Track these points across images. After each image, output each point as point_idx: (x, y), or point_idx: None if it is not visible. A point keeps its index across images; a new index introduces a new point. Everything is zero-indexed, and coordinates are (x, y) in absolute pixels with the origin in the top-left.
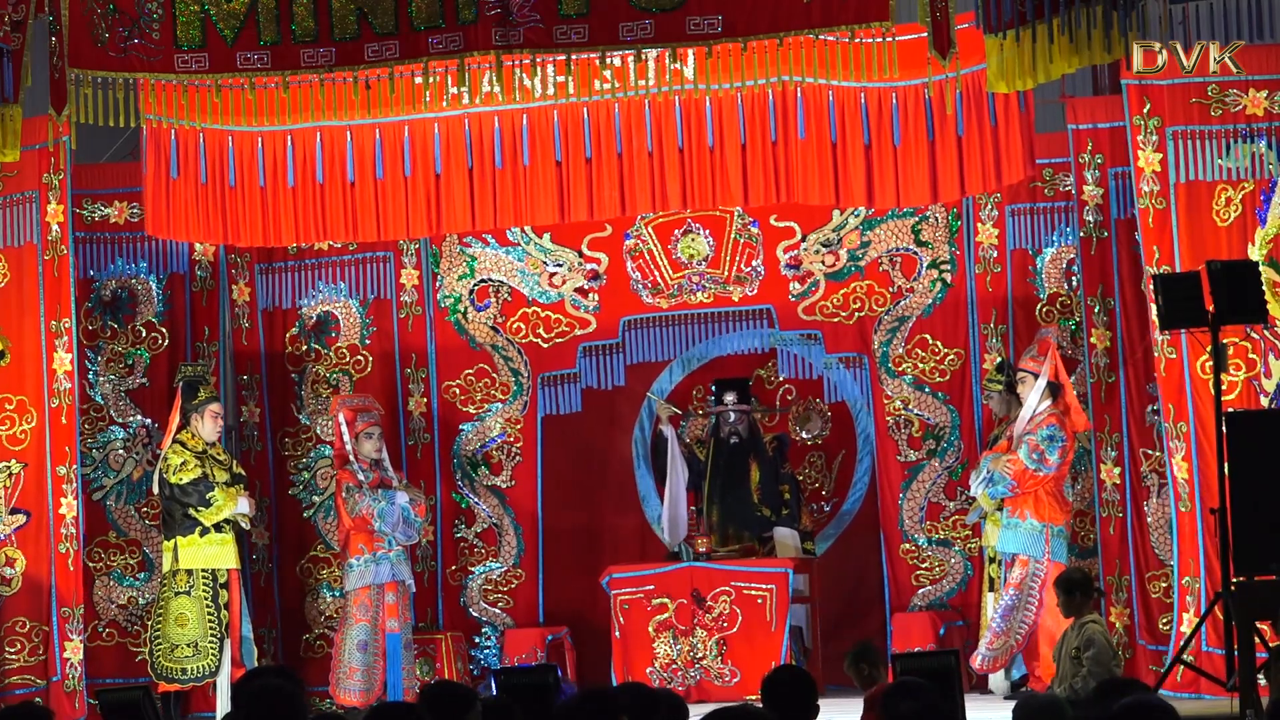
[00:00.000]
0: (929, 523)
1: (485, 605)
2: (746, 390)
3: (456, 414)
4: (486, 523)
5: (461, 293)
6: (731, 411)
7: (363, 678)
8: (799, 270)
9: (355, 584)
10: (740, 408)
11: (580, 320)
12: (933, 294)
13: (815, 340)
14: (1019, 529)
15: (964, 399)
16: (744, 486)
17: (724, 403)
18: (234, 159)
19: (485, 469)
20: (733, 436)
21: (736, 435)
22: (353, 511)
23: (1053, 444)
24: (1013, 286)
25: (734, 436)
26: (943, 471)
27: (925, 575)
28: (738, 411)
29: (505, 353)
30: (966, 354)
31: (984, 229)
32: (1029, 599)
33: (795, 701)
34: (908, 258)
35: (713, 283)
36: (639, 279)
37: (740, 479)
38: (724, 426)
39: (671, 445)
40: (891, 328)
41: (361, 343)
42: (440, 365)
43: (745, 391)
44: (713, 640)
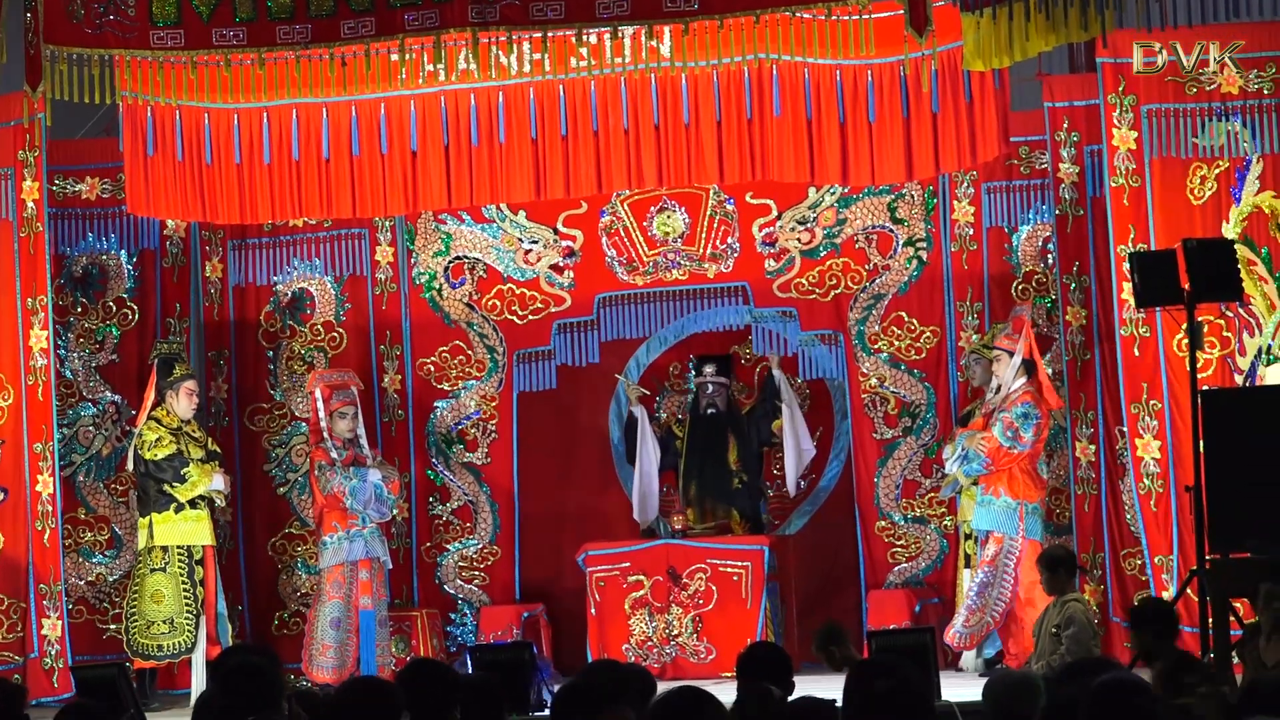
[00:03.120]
0: (905, 500)
1: (461, 582)
2: (727, 364)
3: (431, 391)
4: (462, 500)
5: (436, 269)
6: (710, 383)
7: (335, 655)
8: (774, 247)
9: (329, 561)
10: (719, 379)
11: (555, 297)
12: (908, 271)
13: (791, 317)
14: (993, 506)
15: (940, 376)
16: (721, 460)
17: (703, 374)
18: (210, 136)
19: (460, 446)
20: (709, 408)
21: (714, 407)
22: (325, 489)
23: (1027, 421)
24: (988, 264)
25: (711, 408)
26: (918, 449)
27: (901, 552)
28: (716, 384)
29: (480, 330)
30: (942, 331)
31: (960, 206)
32: (1004, 576)
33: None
34: (883, 235)
35: (688, 260)
36: (614, 256)
37: (717, 452)
38: (702, 399)
39: (642, 425)
40: (867, 305)
41: (336, 319)
42: (415, 342)
43: (726, 365)
44: (688, 617)
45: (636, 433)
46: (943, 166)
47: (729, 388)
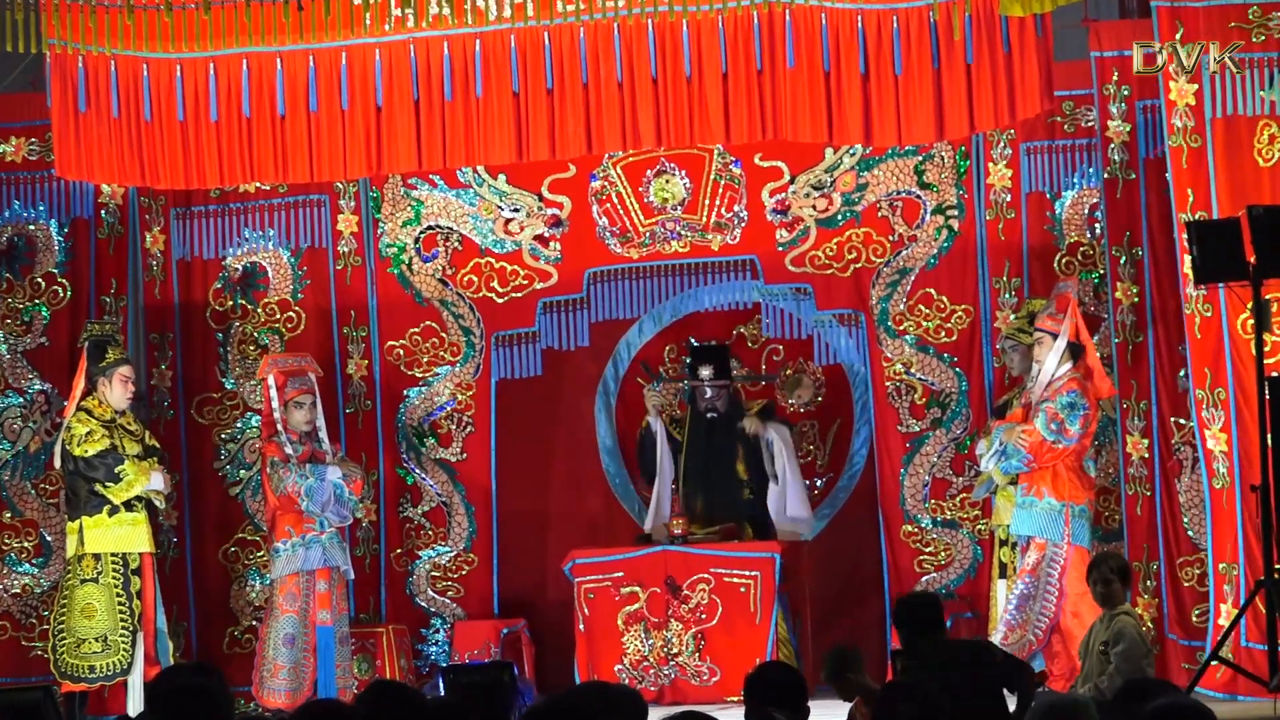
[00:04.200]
0: (933, 501)
1: (433, 594)
2: (725, 361)
3: (400, 378)
4: (434, 501)
5: (406, 241)
6: (708, 387)
7: (289, 676)
8: (787, 216)
9: (282, 571)
10: (718, 383)
11: (540, 272)
12: (938, 243)
13: (805, 295)
14: (1035, 509)
15: (973, 362)
16: (728, 468)
17: (699, 377)
18: (150, 90)
19: (433, 440)
20: (710, 411)
21: (714, 410)
22: (278, 489)
23: (1073, 413)
24: (1028, 235)
25: (712, 411)
26: (949, 444)
27: (929, 560)
28: (715, 387)
29: (455, 309)
30: (976, 311)
31: (996, 170)
32: (1046, 587)
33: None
34: (910, 202)
35: (689, 230)
36: (606, 226)
37: (723, 460)
38: (700, 401)
39: (660, 442)
40: (891, 281)
41: (293, 297)
42: (382, 323)
43: (724, 363)
44: (689, 634)
45: (653, 448)
46: (977, 124)
47: (728, 387)
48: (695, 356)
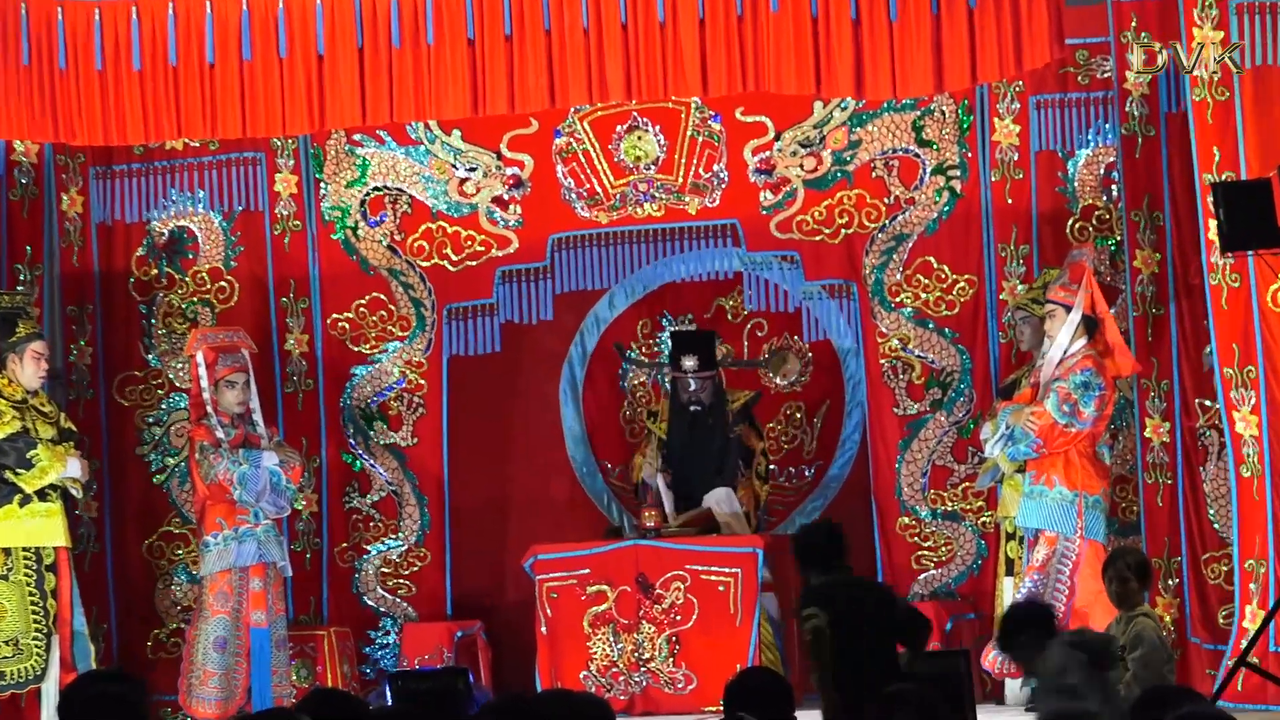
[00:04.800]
0: (933, 491)
1: (381, 593)
2: (711, 350)
3: (345, 355)
4: (383, 490)
5: (350, 204)
6: (692, 379)
7: (220, 684)
8: (771, 177)
9: (212, 567)
10: (702, 374)
11: (498, 238)
12: (938, 207)
13: (792, 264)
14: (1045, 499)
15: (977, 337)
16: (711, 463)
17: (682, 368)
18: (65, 35)
19: (381, 423)
20: (694, 404)
21: (698, 403)
22: (207, 477)
23: (1088, 393)
24: (1038, 197)
25: (695, 404)
26: (950, 427)
27: (928, 556)
28: (699, 379)
29: (405, 278)
30: (980, 281)
31: (1002, 126)
32: (1057, 585)
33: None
34: (907, 161)
35: (664, 192)
36: (572, 187)
37: (705, 455)
38: (683, 392)
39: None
40: (887, 248)
41: (226, 265)
42: (325, 294)
43: (709, 354)
44: (663, 637)
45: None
46: (981, 75)
47: (714, 378)
48: (677, 345)
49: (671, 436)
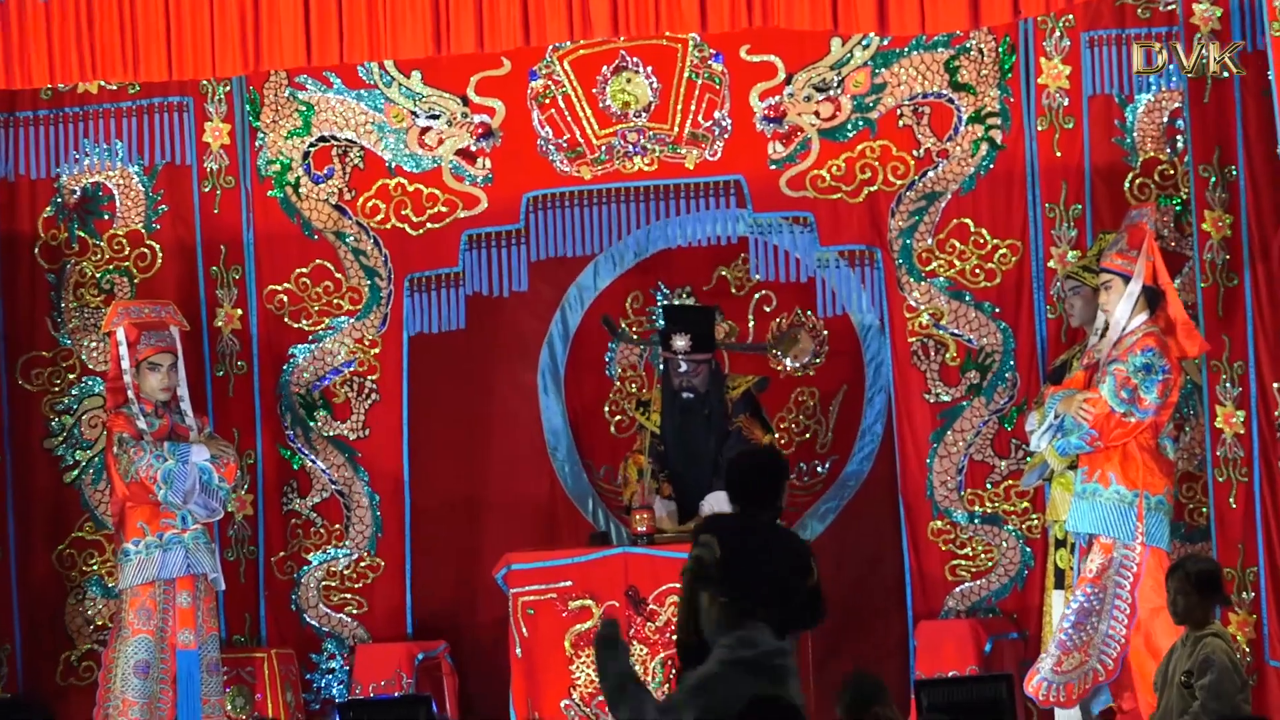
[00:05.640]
0: (970, 491)
1: (327, 610)
2: (706, 330)
3: (285, 332)
4: (328, 490)
5: (292, 157)
6: (683, 361)
7: (142, 714)
8: (782, 126)
9: (133, 579)
10: (697, 357)
11: (464, 197)
12: (976, 160)
13: (805, 227)
14: (1100, 499)
15: (1021, 312)
16: (705, 459)
17: (673, 348)
18: None
19: (326, 412)
20: (685, 391)
21: (690, 390)
22: (127, 474)
23: (1150, 377)
24: (1091, 150)
25: (688, 391)
26: (990, 417)
27: (965, 566)
28: (692, 362)
29: (355, 243)
30: (1024, 247)
31: (1050, 66)
32: (1115, 600)
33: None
34: (939, 108)
35: (657, 143)
36: (550, 137)
37: (698, 449)
38: (674, 377)
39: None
40: (916, 209)
41: (147, 229)
42: (261, 262)
43: (705, 333)
44: (656, 660)
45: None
46: (1024, 8)
47: (709, 362)
48: (669, 321)
49: (664, 431)
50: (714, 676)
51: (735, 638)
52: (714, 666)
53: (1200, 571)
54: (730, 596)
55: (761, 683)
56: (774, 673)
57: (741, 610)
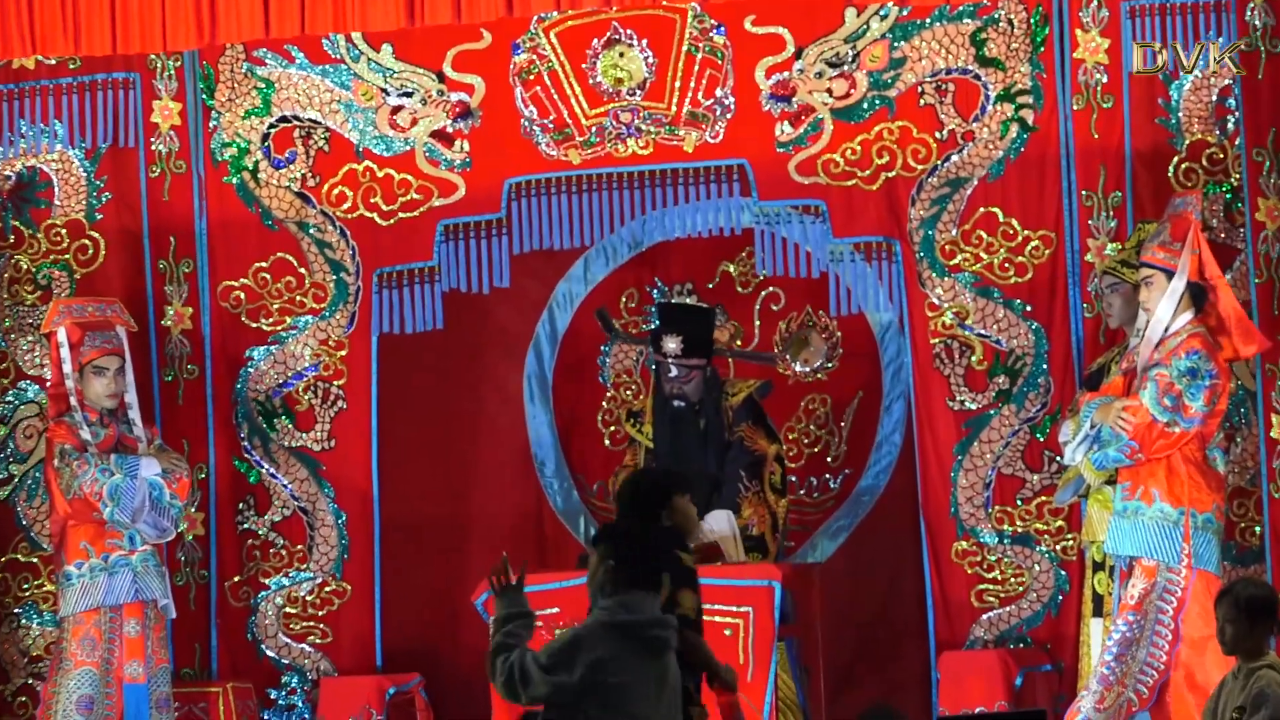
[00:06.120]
0: (999, 508)
1: (288, 640)
2: (702, 332)
3: (241, 333)
4: (290, 507)
5: (250, 139)
6: (673, 365)
7: None
8: (791, 105)
9: (75, 606)
10: (689, 362)
11: (440, 183)
12: (1005, 144)
13: (816, 216)
14: (1142, 518)
15: (1055, 310)
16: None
17: (662, 350)
18: None
19: (287, 421)
20: (676, 400)
21: (681, 398)
22: (70, 490)
23: (1196, 382)
24: (1132, 132)
25: (679, 400)
26: (1021, 426)
27: (993, 591)
28: (683, 367)
29: (320, 235)
30: (1058, 239)
31: (1087, 39)
32: (1157, 628)
33: None
34: (965, 85)
35: (653, 124)
36: (535, 118)
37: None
38: (665, 383)
39: None
40: (939, 197)
41: (89, 218)
42: (216, 255)
43: (700, 336)
44: None
45: None
46: None
47: (704, 368)
48: (661, 318)
49: (658, 444)
50: (589, 635)
51: (616, 601)
52: (590, 626)
53: (1252, 597)
54: (619, 560)
55: (634, 646)
56: (652, 643)
57: (630, 578)
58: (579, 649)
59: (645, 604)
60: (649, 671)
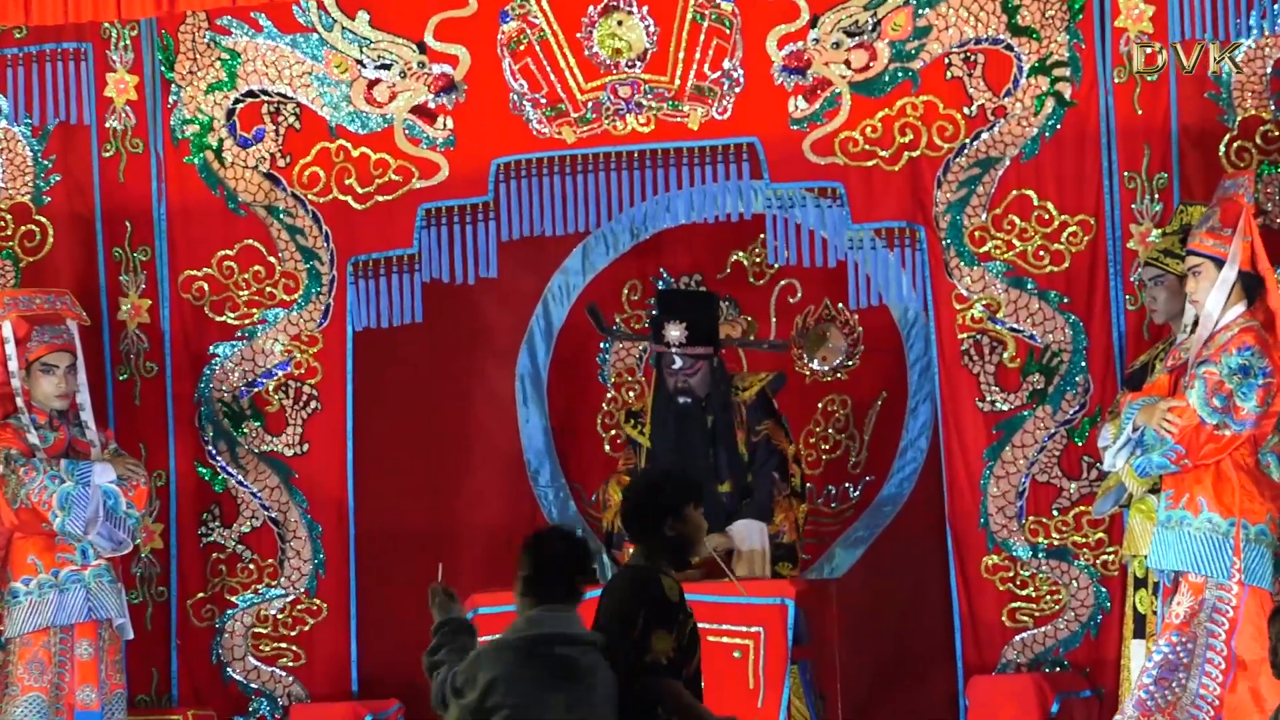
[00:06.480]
0: (1033, 519)
1: (257, 663)
2: (707, 319)
3: (205, 327)
4: (259, 518)
5: (214, 115)
6: (677, 355)
7: None
8: (806, 78)
9: (23, 626)
10: (694, 351)
11: (422, 163)
12: (1040, 120)
13: (833, 200)
14: (1188, 529)
15: (1095, 302)
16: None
17: (665, 340)
18: None
19: (257, 423)
20: (681, 395)
21: (687, 394)
22: (16, 499)
23: (1248, 381)
24: (1179, 108)
25: (684, 396)
26: (1057, 429)
27: (1027, 610)
28: (688, 358)
29: (291, 220)
30: (1099, 224)
31: (1129, 6)
32: (1207, 650)
33: None
34: (996, 56)
35: (654, 99)
36: (525, 92)
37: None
38: (668, 377)
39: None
40: (968, 178)
41: (36, 201)
42: (176, 242)
43: (705, 323)
44: None
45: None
46: None
47: (713, 359)
48: (661, 306)
49: (655, 440)
50: (486, 653)
51: (527, 617)
52: (493, 642)
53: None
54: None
55: (534, 667)
56: (557, 664)
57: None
58: (479, 668)
59: (560, 620)
60: (548, 696)
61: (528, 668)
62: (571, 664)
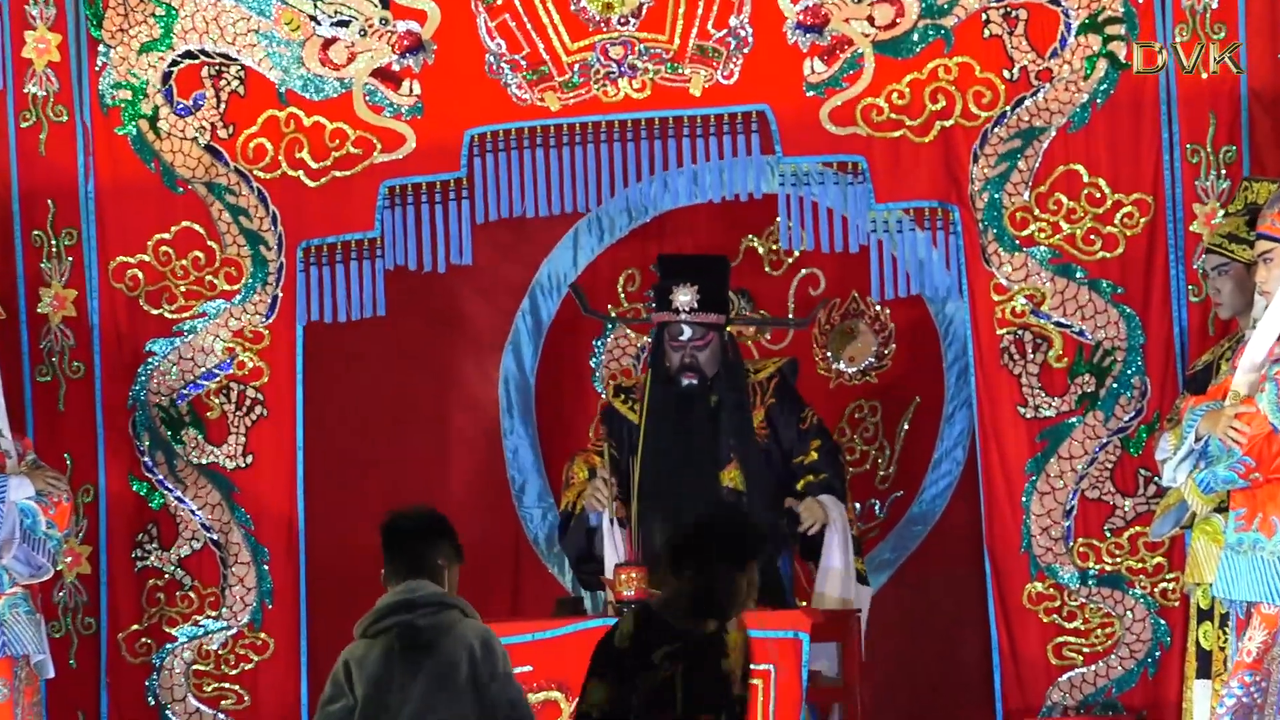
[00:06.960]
0: (1082, 541)
1: (198, 703)
2: (717, 284)
3: (140, 322)
4: (200, 539)
5: (148, 79)
6: (686, 325)
7: None
8: (823, 36)
9: None
10: (705, 319)
11: (384, 134)
12: (1091, 85)
13: (855, 176)
14: (1261, 554)
15: (1152, 294)
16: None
17: (672, 306)
18: None
19: (197, 432)
20: (686, 373)
21: (694, 372)
22: None
23: None
24: (1250, 72)
25: (689, 375)
26: (1110, 439)
27: (1075, 645)
28: (698, 327)
29: (234, 199)
30: (1157, 205)
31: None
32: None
33: None
34: (1041, 12)
35: (651, 60)
36: (503, 52)
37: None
38: (672, 353)
39: (609, 536)
40: (1009, 151)
41: None
42: (106, 224)
43: (716, 288)
44: None
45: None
46: None
47: (721, 329)
48: (665, 272)
49: (651, 430)
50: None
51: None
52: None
53: None
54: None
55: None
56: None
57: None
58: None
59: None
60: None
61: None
62: (413, 630)
